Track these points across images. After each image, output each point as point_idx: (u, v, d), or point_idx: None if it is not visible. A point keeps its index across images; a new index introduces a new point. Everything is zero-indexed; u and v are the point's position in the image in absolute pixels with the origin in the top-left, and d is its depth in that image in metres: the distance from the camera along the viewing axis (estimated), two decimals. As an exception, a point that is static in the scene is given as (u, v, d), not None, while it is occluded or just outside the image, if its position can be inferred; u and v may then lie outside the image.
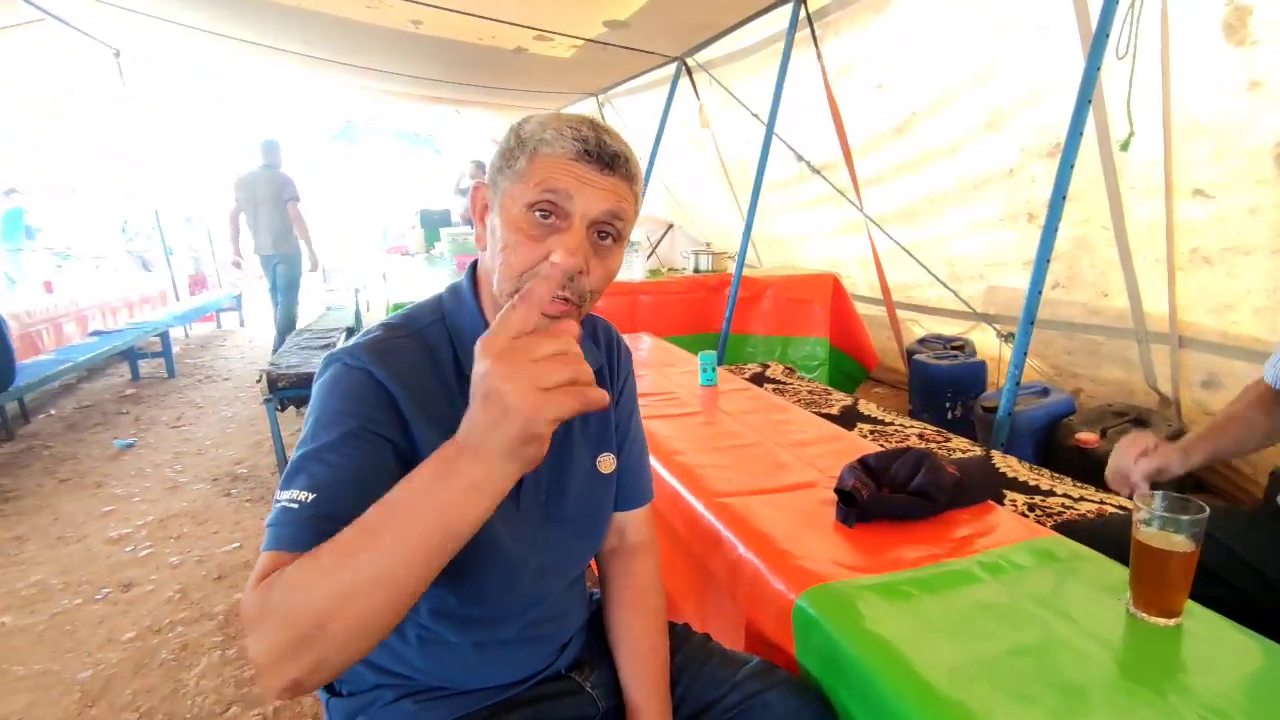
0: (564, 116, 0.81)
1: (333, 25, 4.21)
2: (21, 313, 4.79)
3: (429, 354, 0.85)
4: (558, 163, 0.78)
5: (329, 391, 0.78)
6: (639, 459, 1.09)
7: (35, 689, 1.94)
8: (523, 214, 0.79)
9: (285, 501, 0.70)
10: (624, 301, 3.76)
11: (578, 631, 1.03)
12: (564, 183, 0.78)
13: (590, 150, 0.78)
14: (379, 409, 0.78)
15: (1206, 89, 2.25)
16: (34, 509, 3.13)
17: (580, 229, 0.79)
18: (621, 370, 1.07)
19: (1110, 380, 3.22)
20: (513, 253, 0.79)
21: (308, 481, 0.71)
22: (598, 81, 5.91)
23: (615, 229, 0.82)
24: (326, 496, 0.70)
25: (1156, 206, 2.58)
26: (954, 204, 3.48)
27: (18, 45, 5.39)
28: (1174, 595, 0.91)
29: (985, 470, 1.37)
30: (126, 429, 4.29)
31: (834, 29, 3.45)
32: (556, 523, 0.94)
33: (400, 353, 0.82)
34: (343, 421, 0.75)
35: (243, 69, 6.31)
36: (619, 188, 0.81)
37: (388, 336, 0.83)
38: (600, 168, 0.79)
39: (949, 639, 0.91)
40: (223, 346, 7.05)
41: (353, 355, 0.80)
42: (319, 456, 0.73)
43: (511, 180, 0.81)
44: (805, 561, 1.11)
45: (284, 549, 0.66)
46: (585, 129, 0.79)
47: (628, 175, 0.82)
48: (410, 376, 0.80)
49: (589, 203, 0.78)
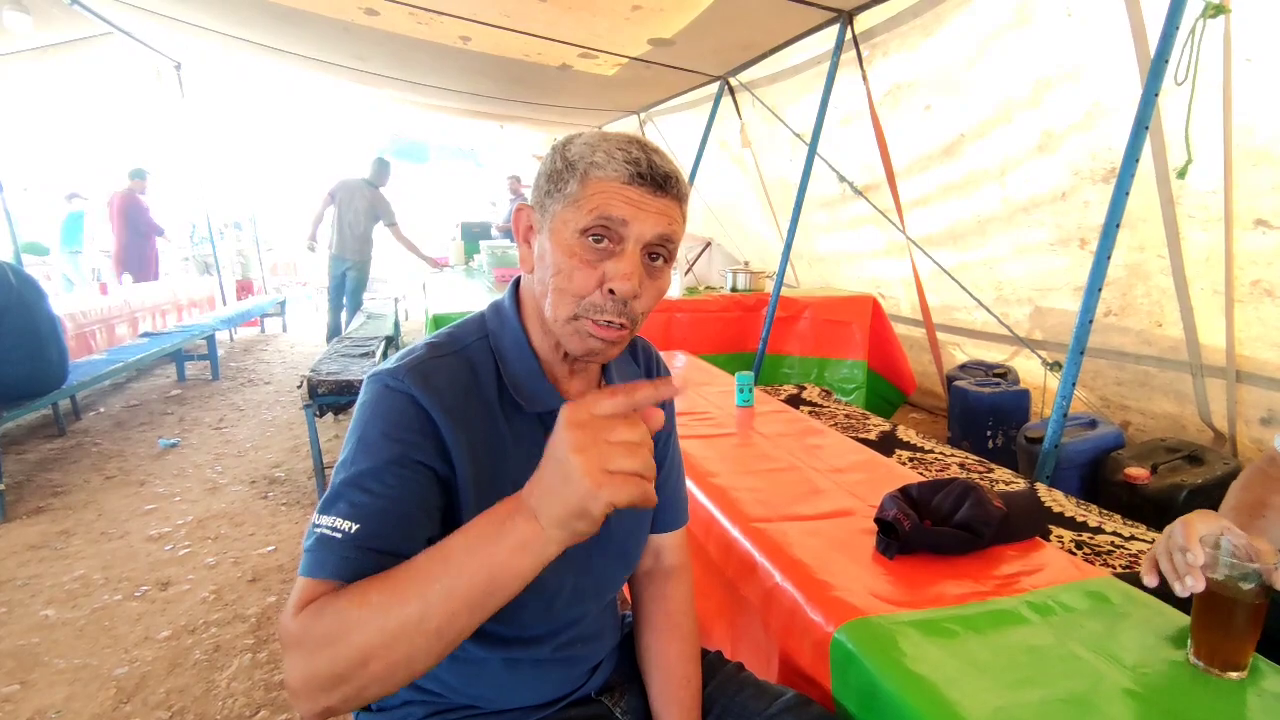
0: (611, 137, 0.80)
1: (385, 41, 4.32)
2: (77, 313, 4.95)
3: (472, 373, 0.84)
4: (610, 186, 0.77)
5: (371, 413, 0.77)
6: (676, 481, 1.08)
7: (74, 682, 1.98)
8: (576, 239, 0.78)
9: (326, 529, 0.70)
10: (660, 319, 3.76)
11: (609, 654, 1.02)
12: (618, 207, 0.77)
13: (643, 173, 0.78)
14: (421, 435, 0.77)
15: (1272, 117, 2.17)
16: (81, 504, 3.22)
17: (635, 253, 0.78)
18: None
19: (1162, 414, 3.11)
20: (567, 279, 0.79)
21: (349, 510, 0.71)
22: (640, 99, 5.95)
23: (666, 250, 0.82)
24: (369, 528, 0.70)
25: (1216, 236, 2.49)
26: (1002, 227, 3.42)
27: (86, 57, 5.64)
28: (1239, 647, 0.86)
29: (1032, 505, 1.32)
30: (171, 429, 4.40)
31: (882, 50, 3.42)
32: (593, 543, 0.92)
33: (443, 374, 0.81)
34: (386, 448, 0.74)
35: (296, 82, 6.50)
36: (670, 209, 0.80)
37: (430, 357, 0.82)
38: (653, 190, 0.78)
39: (994, 682, 0.87)
40: (265, 351, 7.21)
41: (396, 377, 0.78)
42: (361, 484, 0.72)
43: (562, 204, 0.80)
44: (844, 593, 1.08)
45: (326, 577, 0.67)
46: (635, 150, 0.79)
47: (678, 196, 0.81)
48: (453, 400, 0.79)
49: (643, 227, 0.78)
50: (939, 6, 2.98)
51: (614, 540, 0.95)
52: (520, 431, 0.85)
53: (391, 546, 0.70)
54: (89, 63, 5.78)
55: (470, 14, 3.69)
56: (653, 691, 0.99)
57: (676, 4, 3.33)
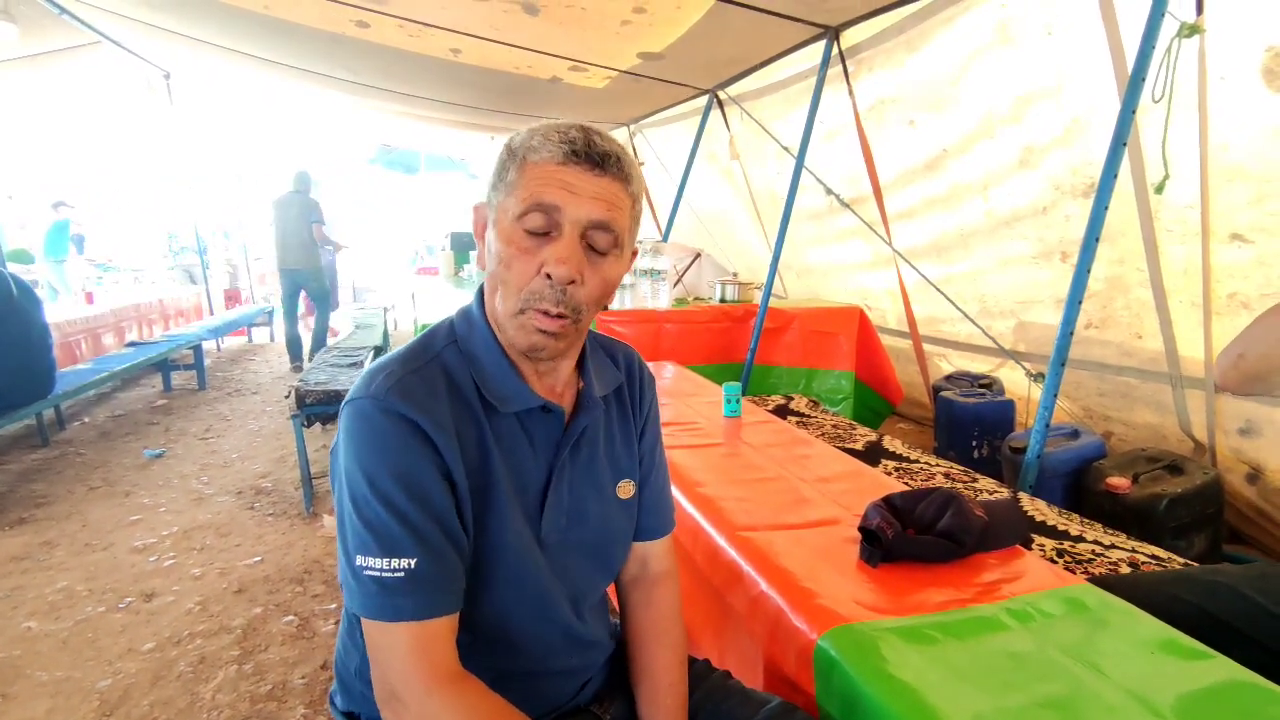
0: (554, 123, 0.79)
1: (377, 53, 4.33)
2: (63, 322, 4.92)
3: (449, 380, 0.84)
4: (546, 169, 0.76)
5: (369, 442, 0.77)
6: (661, 488, 1.08)
7: (56, 695, 1.96)
8: (514, 227, 0.77)
9: (384, 571, 0.73)
10: (649, 329, 3.77)
11: (601, 665, 1.02)
12: (551, 190, 0.76)
13: (578, 151, 0.76)
14: (423, 451, 0.77)
15: (1246, 134, 2.23)
16: (64, 515, 3.19)
17: (571, 237, 0.77)
18: (645, 397, 1.05)
19: (1143, 424, 3.15)
20: (507, 268, 0.78)
21: (395, 545, 0.74)
22: (630, 112, 5.99)
23: (611, 235, 0.79)
24: (428, 559, 0.75)
25: (1193, 249, 2.54)
26: (985, 240, 3.46)
27: (74, 66, 5.62)
28: None
29: (1013, 514, 1.35)
30: (157, 439, 4.37)
31: (867, 65, 3.47)
32: (575, 548, 0.93)
33: (424, 386, 0.80)
34: (400, 474, 0.76)
35: (287, 92, 6.50)
36: (611, 190, 0.78)
37: (406, 371, 0.81)
38: (590, 168, 0.76)
39: (975, 687, 0.89)
40: (252, 360, 7.18)
41: (379, 399, 0.77)
42: (403, 519, 0.75)
43: (504, 194, 0.79)
44: (827, 601, 1.09)
45: (417, 618, 0.73)
46: (574, 131, 0.77)
47: (621, 176, 0.79)
48: (439, 412, 0.79)
49: (579, 208, 0.76)
50: (923, 24, 3.03)
51: (596, 546, 0.95)
52: (501, 432, 0.85)
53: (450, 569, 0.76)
54: (77, 72, 5.77)
55: (460, 27, 3.72)
56: (640, 698, 0.99)
57: (666, 19, 3.37)
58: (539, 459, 0.89)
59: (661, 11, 3.27)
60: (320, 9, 3.60)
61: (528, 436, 0.88)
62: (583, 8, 3.30)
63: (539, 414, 0.88)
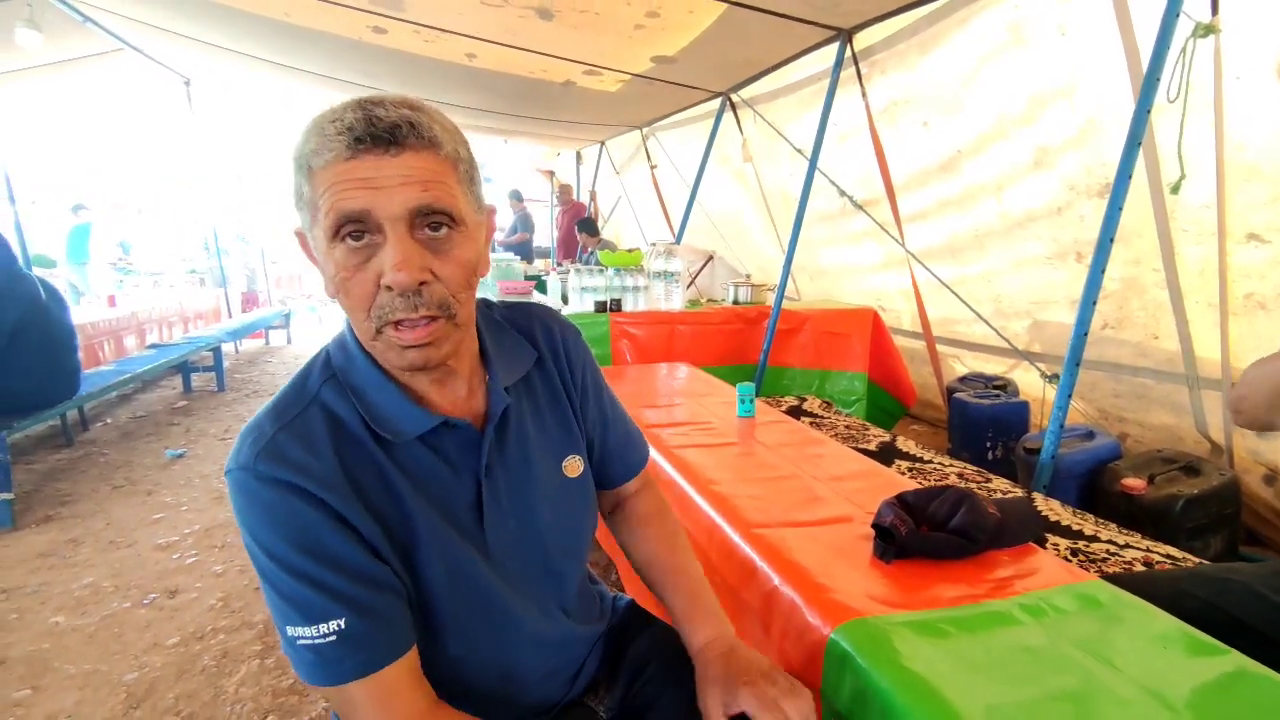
0: (327, 111, 0.68)
1: (393, 58, 4.39)
2: (86, 324, 5.00)
3: (333, 421, 0.76)
4: (334, 171, 0.65)
5: (255, 515, 0.71)
6: (622, 436, 1.07)
7: (85, 687, 2.01)
8: (332, 248, 0.68)
9: (316, 639, 0.69)
10: (662, 331, 3.80)
11: (590, 655, 1.00)
12: (350, 197, 0.65)
13: (361, 136, 0.65)
14: (315, 515, 0.71)
15: (1262, 134, 2.22)
16: (89, 513, 3.25)
17: (400, 237, 0.67)
18: (573, 357, 0.97)
19: (1159, 425, 3.14)
20: (346, 294, 0.70)
21: (318, 611, 0.69)
22: (643, 115, 6.03)
23: (442, 214, 0.68)
24: (351, 613, 0.70)
25: (1209, 250, 2.53)
26: (999, 241, 3.46)
27: (96, 72, 5.73)
28: None
29: (1026, 512, 1.36)
30: (177, 440, 4.44)
31: (880, 68, 3.48)
32: (533, 549, 0.88)
33: (299, 442, 0.72)
34: (297, 542, 0.70)
35: (304, 96, 6.59)
36: (419, 165, 0.67)
37: (277, 429, 0.73)
38: (382, 151, 0.65)
39: (986, 680, 0.90)
40: (269, 363, 7.26)
41: (252, 468, 0.70)
42: (307, 584, 0.70)
43: (308, 214, 0.69)
44: (841, 596, 1.11)
45: (363, 675, 0.70)
46: (349, 113, 0.66)
47: (425, 142, 0.67)
48: (320, 467, 0.72)
49: (390, 204, 0.66)
50: (936, 26, 3.04)
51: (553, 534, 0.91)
52: (405, 462, 0.79)
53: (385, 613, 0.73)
54: (99, 78, 5.88)
55: (476, 32, 3.77)
56: (656, 587, 1.02)
57: (679, 23, 3.40)
58: (461, 475, 0.82)
59: (674, 16, 3.30)
60: (338, 15, 3.66)
61: (440, 457, 0.81)
62: (596, 12, 3.33)
63: (445, 431, 0.81)
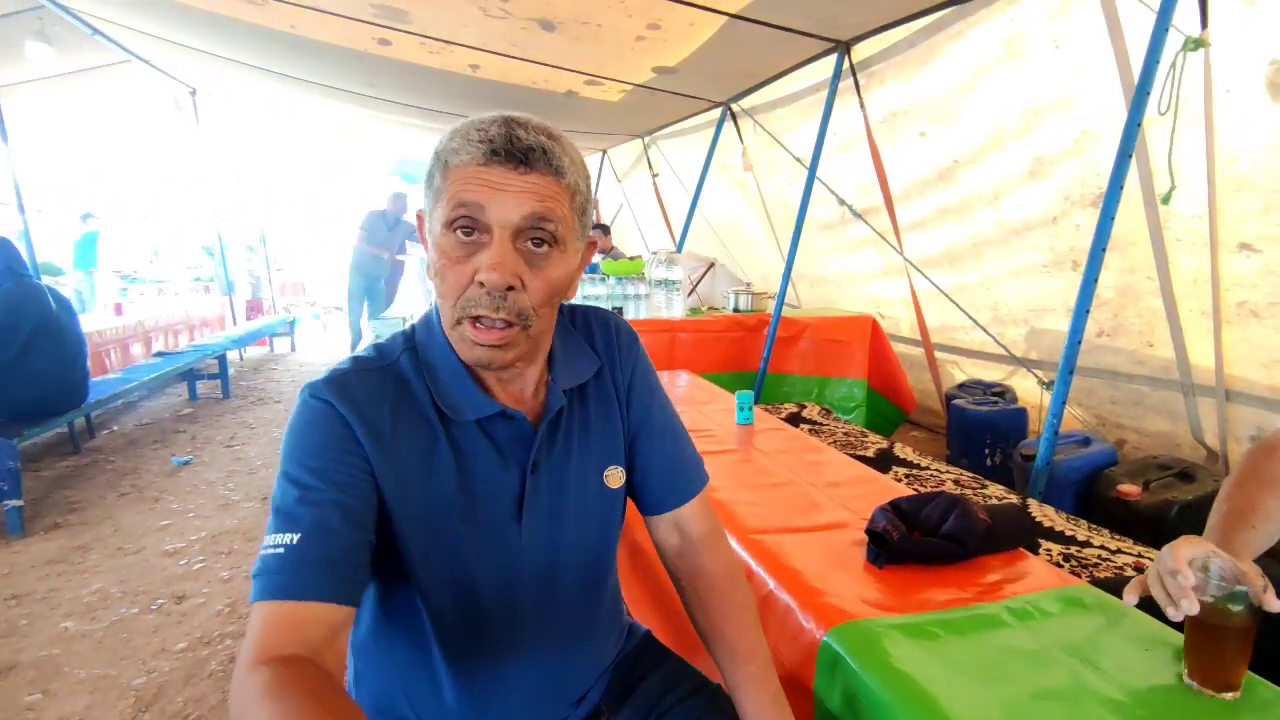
0: (477, 119, 0.75)
1: (398, 69, 4.45)
2: (94, 333, 5.05)
3: (402, 387, 0.82)
4: (468, 172, 0.72)
5: (294, 428, 0.77)
6: (677, 446, 1.02)
7: (94, 692, 2.04)
8: (444, 235, 0.74)
9: (270, 548, 0.69)
10: (663, 339, 3.83)
11: (601, 675, 1.00)
12: (474, 192, 0.72)
13: (499, 150, 0.71)
14: (348, 440, 0.76)
15: (1252, 146, 2.26)
16: (97, 520, 3.29)
17: (503, 241, 0.73)
18: (625, 364, 0.98)
19: (1155, 432, 3.17)
20: (443, 280, 0.75)
21: (288, 523, 0.70)
22: (644, 124, 6.08)
23: (547, 232, 0.74)
24: (311, 537, 0.70)
25: (1202, 259, 2.56)
26: (996, 250, 3.50)
27: (104, 84, 5.80)
28: (1232, 668, 0.87)
29: (1017, 518, 1.39)
30: (184, 447, 4.48)
31: (878, 79, 3.53)
32: (564, 549, 0.90)
33: (364, 387, 0.79)
34: (316, 455, 0.75)
35: (309, 106, 6.65)
36: (541, 185, 0.73)
37: (354, 370, 0.81)
38: (514, 167, 0.72)
39: (975, 681, 0.93)
40: (274, 370, 7.31)
41: (316, 388, 0.78)
42: (299, 494, 0.72)
43: (432, 201, 0.76)
44: (834, 599, 1.14)
45: (275, 597, 0.67)
46: (494, 127, 0.73)
47: (551, 169, 0.74)
48: (374, 412, 0.78)
49: (505, 210, 0.72)
50: (933, 39, 3.09)
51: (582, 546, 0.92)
52: (459, 442, 0.83)
53: (333, 556, 0.70)
54: (106, 88, 5.95)
55: (479, 44, 3.81)
56: (723, 670, 0.94)
57: (680, 34, 3.44)
58: (509, 465, 0.86)
59: (675, 28, 3.34)
60: (344, 27, 3.72)
61: (494, 444, 0.85)
62: (598, 24, 3.38)
63: (501, 420, 0.85)
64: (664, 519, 1.01)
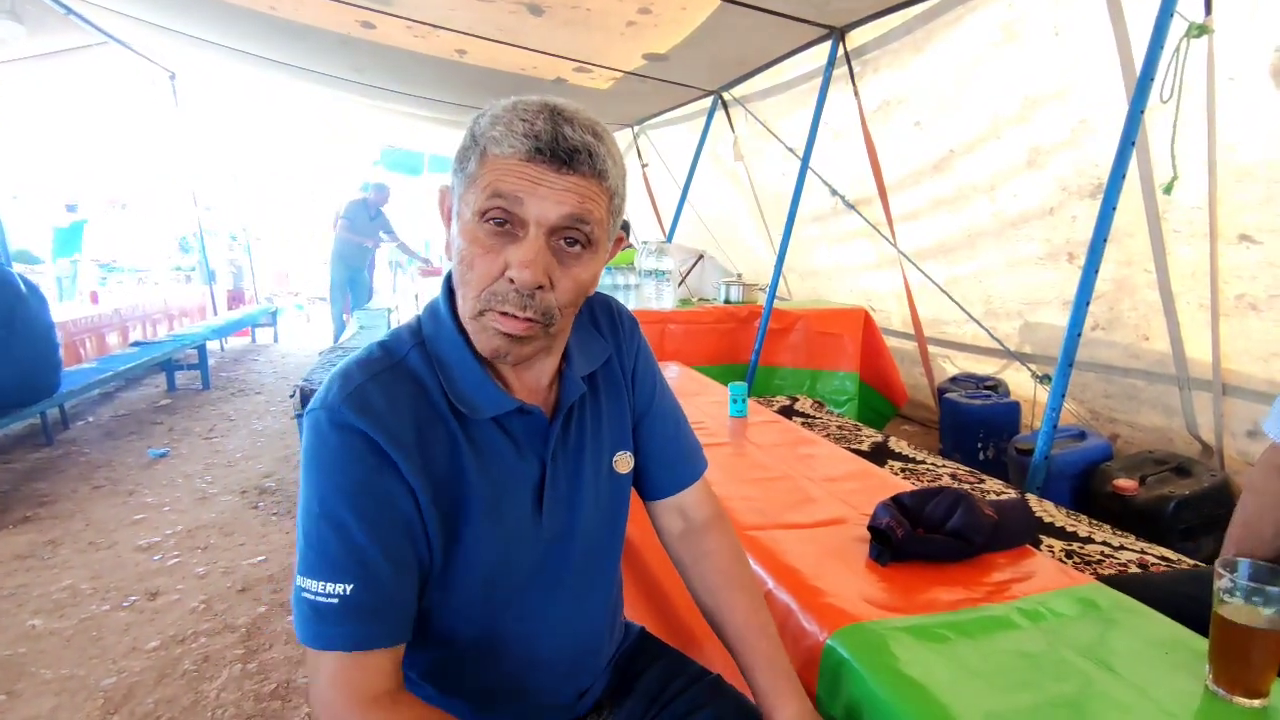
0: (519, 106, 0.72)
1: (383, 53, 4.34)
2: (68, 322, 4.93)
3: (416, 385, 0.78)
4: (508, 164, 0.70)
5: (321, 457, 0.72)
6: (677, 430, 1.02)
7: (61, 693, 1.96)
8: (476, 223, 0.72)
9: (321, 596, 0.69)
10: (653, 330, 3.77)
11: (602, 671, 0.99)
12: (513, 185, 0.69)
13: (543, 148, 0.69)
14: (379, 467, 0.73)
15: (1255, 135, 2.22)
16: (68, 514, 3.19)
17: (537, 238, 0.71)
18: (629, 349, 0.98)
19: (1150, 426, 3.14)
20: (469, 267, 0.73)
21: (340, 574, 0.70)
22: (634, 112, 6.00)
23: (582, 233, 0.73)
24: (366, 586, 0.70)
25: (1201, 251, 2.53)
26: (991, 241, 3.46)
27: (80, 66, 5.64)
28: (1260, 674, 0.82)
29: (1023, 513, 1.34)
30: (160, 439, 4.37)
31: (873, 67, 3.47)
32: (580, 537, 0.89)
33: (383, 395, 0.74)
34: (353, 496, 0.71)
35: (292, 92, 6.53)
36: (582, 186, 0.71)
37: (366, 378, 0.75)
38: (557, 166, 0.69)
39: (987, 686, 0.88)
40: (256, 361, 7.18)
41: (336, 411, 0.72)
42: (345, 543, 0.70)
43: (464, 184, 0.73)
44: (836, 600, 1.09)
45: (345, 649, 0.69)
46: (540, 121, 0.70)
47: (594, 171, 0.72)
48: (398, 423, 0.74)
49: (544, 207, 0.70)
50: (929, 25, 3.03)
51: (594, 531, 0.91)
52: (477, 439, 0.80)
53: (390, 596, 0.72)
54: (82, 71, 5.79)
55: (466, 28, 3.72)
56: (734, 652, 0.93)
57: (671, 20, 3.37)
58: (526, 458, 0.84)
59: (667, 13, 3.27)
60: (326, 9, 3.61)
61: (510, 439, 0.83)
62: (588, 9, 3.30)
63: (517, 415, 0.82)
64: (667, 504, 1.01)
